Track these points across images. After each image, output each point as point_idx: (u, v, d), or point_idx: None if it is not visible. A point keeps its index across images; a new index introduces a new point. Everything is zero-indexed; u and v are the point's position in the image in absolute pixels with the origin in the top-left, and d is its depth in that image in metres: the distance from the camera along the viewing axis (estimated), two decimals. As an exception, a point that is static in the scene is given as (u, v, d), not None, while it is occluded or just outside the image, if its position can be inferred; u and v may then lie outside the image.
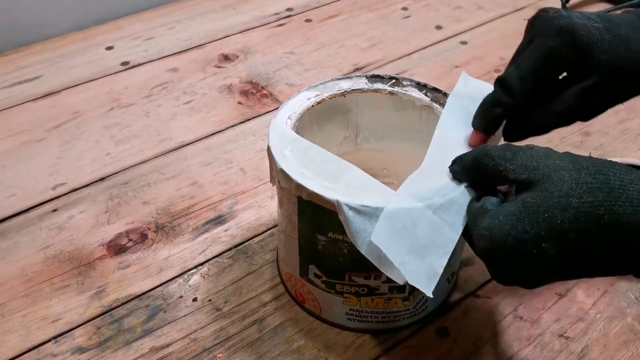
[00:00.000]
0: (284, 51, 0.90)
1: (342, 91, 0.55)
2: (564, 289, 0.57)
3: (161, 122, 0.77)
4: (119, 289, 0.57)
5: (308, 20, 0.97)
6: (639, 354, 0.52)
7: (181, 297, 0.57)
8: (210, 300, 0.56)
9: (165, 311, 0.56)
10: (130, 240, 0.62)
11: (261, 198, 0.67)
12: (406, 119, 0.55)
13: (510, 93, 0.45)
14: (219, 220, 0.64)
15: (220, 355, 0.52)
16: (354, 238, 0.42)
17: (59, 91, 0.82)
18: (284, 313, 0.55)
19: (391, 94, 0.55)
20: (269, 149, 0.48)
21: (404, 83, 0.55)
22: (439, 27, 0.95)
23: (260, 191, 0.68)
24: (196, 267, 0.60)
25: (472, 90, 0.50)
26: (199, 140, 0.74)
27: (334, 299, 0.52)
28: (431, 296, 0.41)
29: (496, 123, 0.47)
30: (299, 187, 0.45)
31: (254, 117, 0.78)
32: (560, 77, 0.45)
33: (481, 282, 0.58)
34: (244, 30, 0.95)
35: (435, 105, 0.53)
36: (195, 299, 0.56)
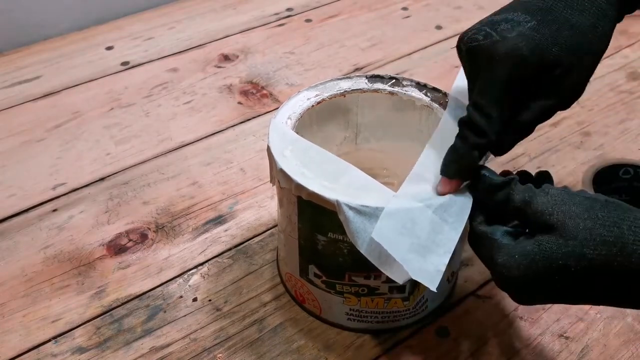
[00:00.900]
0: (284, 51, 0.90)
1: (342, 91, 0.55)
2: (564, 289, 0.57)
3: (161, 122, 0.77)
4: (119, 289, 0.57)
5: (308, 20, 0.97)
6: (638, 354, 0.52)
7: (181, 297, 0.57)
8: (210, 300, 0.56)
9: (165, 311, 0.56)
10: (130, 240, 0.62)
11: (261, 198, 0.67)
12: (406, 119, 0.55)
13: (483, 133, 0.42)
14: (219, 220, 0.64)
15: (220, 355, 0.52)
16: (354, 238, 0.42)
17: (59, 91, 0.82)
18: (284, 313, 0.55)
19: (391, 94, 0.55)
20: (269, 149, 0.48)
21: (404, 83, 0.55)
22: (439, 27, 0.95)
23: (260, 191, 0.68)
24: (196, 267, 0.60)
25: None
26: (199, 140, 0.74)
27: (334, 299, 0.52)
28: (435, 291, 0.41)
29: (473, 166, 0.43)
30: (299, 187, 0.45)
31: (254, 117, 0.78)
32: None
33: (481, 282, 0.58)
34: (244, 30, 0.95)
35: (435, 105, 0.53)
36: (195, 299, 0.56)
